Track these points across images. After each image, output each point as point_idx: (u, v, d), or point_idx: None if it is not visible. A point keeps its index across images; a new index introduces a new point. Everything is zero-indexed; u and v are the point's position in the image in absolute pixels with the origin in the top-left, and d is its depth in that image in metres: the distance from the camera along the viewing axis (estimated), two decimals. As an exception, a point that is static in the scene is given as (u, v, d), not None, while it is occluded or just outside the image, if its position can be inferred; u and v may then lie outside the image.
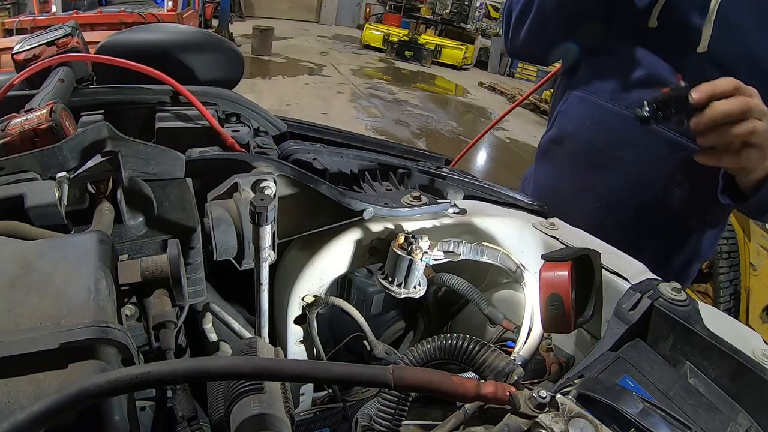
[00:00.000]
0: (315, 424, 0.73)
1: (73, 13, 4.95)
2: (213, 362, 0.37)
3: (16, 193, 0.61)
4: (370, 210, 0.76)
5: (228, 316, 0.78)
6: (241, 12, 12.20)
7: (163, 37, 1.23)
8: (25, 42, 1.09)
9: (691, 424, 0.49)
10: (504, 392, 0.43)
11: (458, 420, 0.46)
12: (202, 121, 0.97)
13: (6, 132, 0.75)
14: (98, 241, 0.51)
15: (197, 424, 0.46)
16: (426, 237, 0.77)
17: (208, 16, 8.91)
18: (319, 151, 1.01)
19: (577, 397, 0.48)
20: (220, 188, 0.74)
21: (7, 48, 2.91)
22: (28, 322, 0.41)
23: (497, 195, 0.95)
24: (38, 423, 0.32)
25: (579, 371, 0.58)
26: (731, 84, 0.80)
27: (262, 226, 0.56)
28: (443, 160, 1.27)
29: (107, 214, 0.65)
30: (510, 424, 0.42)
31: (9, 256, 0.47)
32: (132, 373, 0.35)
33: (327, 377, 0.40)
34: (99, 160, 0.68)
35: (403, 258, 0.75)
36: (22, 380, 0.37)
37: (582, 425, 0.42)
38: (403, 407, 0.48)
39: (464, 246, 0.82)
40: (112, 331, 0.41)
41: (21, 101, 0.89)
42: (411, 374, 0.41)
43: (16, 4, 6.74)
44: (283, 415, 0.44)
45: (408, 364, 0.50)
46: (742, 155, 0.82)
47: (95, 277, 0.46)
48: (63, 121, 0.79)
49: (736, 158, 0.83)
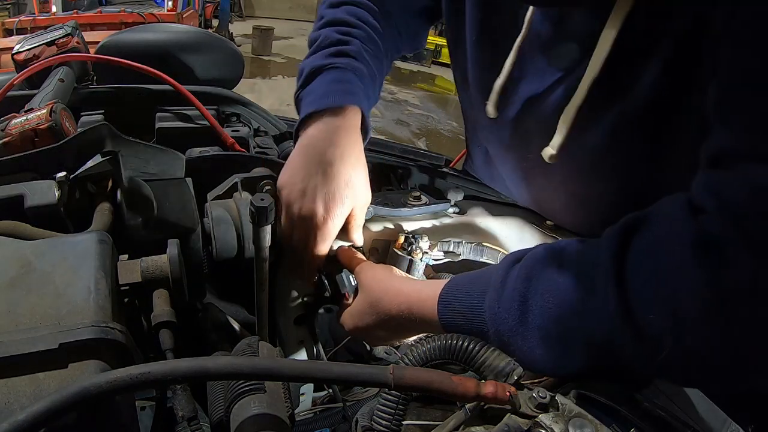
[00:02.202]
0: (315, 424, 0.73)
1: (73, 13, 4.94)
2: (213, 362, 0.37)
3: (16, 193, 0.61)
4: (370, 210, 0.76)
5: (228, 316, 0.78)
6: (241, 12, 12.19)
7: (163, 37, 1.23)
8: (25, 42, 1.09)
9: (692, 423, 0.49)
10: (504, 392, 0.43)
11: (458, 420, 0.46)
12: (202, 121, 0.97)
13: (6, 132, 0.76)
14: (98, 241, 0.51)
15: (197, 424, 0.46)
16: (426, 237, 0.77)
17: (208, 15, 8.90)
18: (319, 151, 1.01)
19: (577, 397, 0.48)
20: (220, 188, 0.74)
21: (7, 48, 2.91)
22: (28, 322, 0.41)
23: (497, 195, 0.95)
24: (38, 423, 0.32)
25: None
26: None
27: (262, 226, 0.56)
28: (443, 160, 1.27)
29: (107, 214, 0.65)
30: (510, 424, 0.42)
31: (9, 256, 0.47)
32: (132, 373, 0.35)
33: (327, 377, 0.40)
34: (99, 160, 0.68)
35: (403, 258, 0.76)
36: (22, 380, 0.37)
37: (582, 425, 0.42)
38: (403, 407, 0.48)
39: (464, 246, 0.82)
40: (112, 331, 0.41)
41: (21, 101, 0.90)
42: (411, 374, 0.41)
43: (16, 4, 6.74)
44: (284, 415, 0.44)
45: (408, 364, 0.50)
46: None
47: (95, 277, 0.46)
48: (63, 121, 0.79)
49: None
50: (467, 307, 0.57)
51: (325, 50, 0.78)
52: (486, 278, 0.58)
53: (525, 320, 0.51)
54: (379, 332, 0.68)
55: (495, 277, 0.56)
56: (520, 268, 0.55)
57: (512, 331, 0.52)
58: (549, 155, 0.66)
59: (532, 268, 0.53)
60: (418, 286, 0.65)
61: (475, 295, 0.57)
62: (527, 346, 0.51)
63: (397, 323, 0.64)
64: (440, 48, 11.55)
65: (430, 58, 11.38)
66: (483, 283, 0.57)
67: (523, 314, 0.52)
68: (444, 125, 7.32)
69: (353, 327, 0.70)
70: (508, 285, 0.54)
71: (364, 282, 0.69)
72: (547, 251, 0.55)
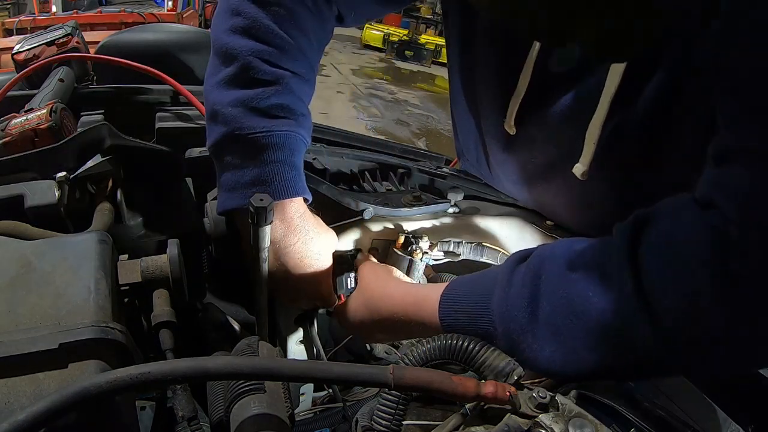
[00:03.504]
0: (315, 424, 0.73)
1: (73, 13, 4.94)
2: (213, 362, 0.37)
3: (16, 193, 0.61)
4: (370, 210, 0.76)
5: (228, 316, 0.78)
6: (241, 12, 12.21)
7: (163, 37, 1.23)
8: (25, 42, 1.09)
9: (692, 423, 0.49)
10: (504, 392, 0.43)
11: (458, 420, 0.46)
12: (202, 121, 0.97)
13: (6, 132, 0.76)
14: (98, 241, 0.51)
15: (197, 424, 0.46)
16: (426, 237, 0.77)
17: (208, 15, 8.89)
18: (319, 150, 1.01)
19: (577, 397, 0.48)
20: (220, 188, 0.74)
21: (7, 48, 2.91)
22: (28, 322, 0.41)
23: (497, 195, 0.95)
24: (38, 423, 0.32)
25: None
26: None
27: (262, 227, 0.56)
28: (443, 160, 1.27)
29: (107, 214, 0.65)
30: (510, 424, 0.42)
31: (9, 256, 0.47)
32: (132, 373, 0.35)
33: (327, 377, 0.40)
34: (99, 160, 0.68)
35: (403, 258, 0.76)
36: (22, 380, 0.37)
37: (582, 425, 0.42)
38: (403, 407, 0.48)
39: (464, 246, 0.82)
40: (112, 331, 0.41)
41: (21, 101, 0.90)
42: (411, 374, 0.41)
43: (16, 4, 6.74)
44: (284, 415, 0.44)
45: (408, 364, 0.50)
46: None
47: (95, 277, 0.46)
48: (63, 121, 0.79)
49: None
50: (472, 308, 0.56)
51: (248, 93, 0.62)
52: (490, 279, 0.57)
53: (535, 318, 0.51)
54: (372, 330, 0.69)
55: (500, 277, 0.56)
56: (527, 266, 0.54)
57: (522, 329, 0.52)
58: (582, 173, 0.66)
59: (540, 266, 0.53)
60: (414, 289, 0.66)
61: (480, 295, 0.56)
62: (537, 344, 0.51)
63: (391, 324, 0.65)
64: (440, 48, 11.53)
65: (430, 58, 11.36)
66: (487, 284, 0.57)
67: (533, 312, 0.51)
68: (444, 125, 7.32)
69: (346, 321, 0.71)
70: (514, 284, 0.54)
71: (363, 280, 0.70)
72: (555, 249, 0.55)
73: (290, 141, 0.64)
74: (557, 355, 0.50)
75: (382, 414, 0.48)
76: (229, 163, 0.63)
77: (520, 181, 0.82)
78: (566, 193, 0.75)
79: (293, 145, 0.64)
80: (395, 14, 13.71)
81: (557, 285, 0.51)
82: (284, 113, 0.63)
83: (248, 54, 0.62)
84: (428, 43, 11.46)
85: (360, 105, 7.64)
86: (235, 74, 0.62)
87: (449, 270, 0.87)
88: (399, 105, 7.97)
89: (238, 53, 0.62)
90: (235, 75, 0.62)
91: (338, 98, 7.79)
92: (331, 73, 9.26)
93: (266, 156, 0.62)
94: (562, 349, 0.50)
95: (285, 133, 0.63)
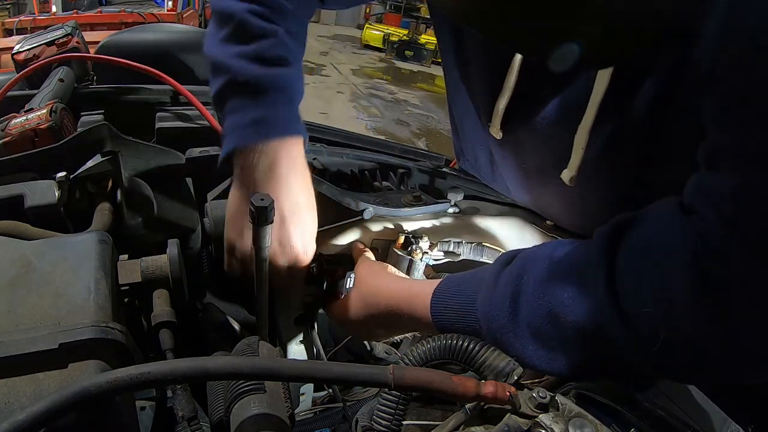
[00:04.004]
0: (315, 424, 0.73)
1: (73, 13, 4.94)
2: (213, 362, 0.37)
3: (16, 193, 0.61)
4: (370, 210, 0.76)
5: (228, 316, 0.78)
6: (241, 12, 12.21)
7: (163, 37, 1.24)
8: (25, 42, 1.09)
9: (692, 423, 0.49)
10: (504, 392, 0.43)
11: (458, 420, 0.46)
12: (202, 121, 0.97)
13: (6, 132, 0.76)
14: (98, 241, 0.51)
15: (197, 424, 0.46)
16: (426, 237, 0.77)
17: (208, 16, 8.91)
18: (319, 150, 1.01)
19: (577, 397, 0.48)
20: (220, 188, 0.74)
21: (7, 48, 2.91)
22: (28, 322, 0.41)
23: (497, 195, 0.95)
24: (38, 423, 0.32)
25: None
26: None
27: (262, 226, 0.56)
28: (443, 160, 1.27)
29: (107, 214, 0.65)
30: (510, 424, 0.42)
31: (9, 256, 0.47)
32: (132, 373, 0.35)
33: (327, 377, 0.40)
34: (99, 160, 0.68)
35: (403, 258, 0.76)
36: (22, 380, 0.37)
37: (582, 425, 0.42)
38: (403, 407, 0.48)
39: (464, 246, 0.82)
40: (112, 331, 0.41)
41: (21, 101, 0.90)
42: (411, 374, 0.41)
43: (16, 4, 6.74)
44: (284, 415, 0.44)
45: (408, 364, 0.50)
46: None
47: (95, 277, 0.46)
48: (63, 121, 0.79)
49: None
50: (461, 304, 0.58)
51: (247, 47, 0.66)
52: (479, 277, 0.58)
53: (516, 317, 0.52)
54: (370, 325, 0.69)
55: (488, 276, 0.57)
56: (512, 267, 0.55)
57: (504, 328, 0.53)
58: (570, 178, 0.66)
59: (523, 267, 0.54)
60: (408, 284, 0.66)
61: (469, 293, 0.58)
62: (519, 343, 0.52)
63: (385, 318, 0.65)
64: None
65: (430, 58, 11.36)
66: (476, 282, 0.58)
67: (513, 312, 0.52)
68: (444, 125, 7.32)
69: (343, 318, 0.71)
70: (499, 284, 0.55)
71: (359, 275, 0.70)
72: (539, 250, 0.56)
73: (289, 87, 0.68)
74: (540, 353, 0.51)
75: (382, 414, 0.48)
76: (230, 109, 0.66)
77: (517, 184, 0.82)
78: (560, 198, 0.75)
79: (291, 92, 0.68)
80: (395, 14, 13.72)
81: (536, 287, 0.52)
82: (282, 62, 0.68)
83: (244, 12, 0.67)
84: (428, 43, 11.46)
85: (360, 105, 7.64)
86: (233, 31, 0.67)
87: (449, 270, 0.87)
88: (399, 105, 7.97)
89: (234, 12, 0.67)
90: (232, 32, 0.67)
91: (338, 98, 7.78)
92: (331, 73, 9.26)
93: (267, 98, 0.65)
94: (543, 350, 0.51)
95: (284, 77, 0.67)
